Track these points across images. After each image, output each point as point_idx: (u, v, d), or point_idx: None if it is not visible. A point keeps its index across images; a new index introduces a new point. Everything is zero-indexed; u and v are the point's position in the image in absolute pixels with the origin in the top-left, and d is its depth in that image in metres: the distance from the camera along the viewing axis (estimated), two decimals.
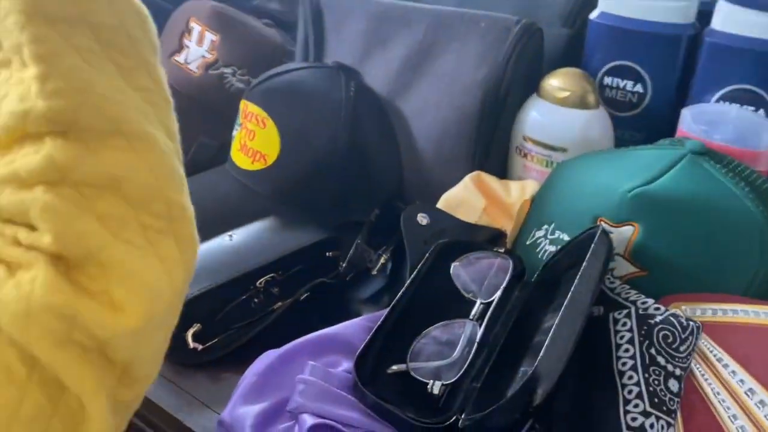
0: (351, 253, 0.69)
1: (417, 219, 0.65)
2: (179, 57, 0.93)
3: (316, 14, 0.85)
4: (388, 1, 0.82)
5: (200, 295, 0.60)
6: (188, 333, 0.59)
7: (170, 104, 0.38)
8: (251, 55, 0.92)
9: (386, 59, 0.80)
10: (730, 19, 0.68)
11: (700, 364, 0.49)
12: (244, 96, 0.81)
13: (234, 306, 0.62)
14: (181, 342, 0.59)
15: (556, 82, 0.72)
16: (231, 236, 0.69)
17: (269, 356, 0.54)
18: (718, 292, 0.54)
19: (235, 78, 0.91)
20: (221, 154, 0.85)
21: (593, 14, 0.75)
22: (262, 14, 0.98)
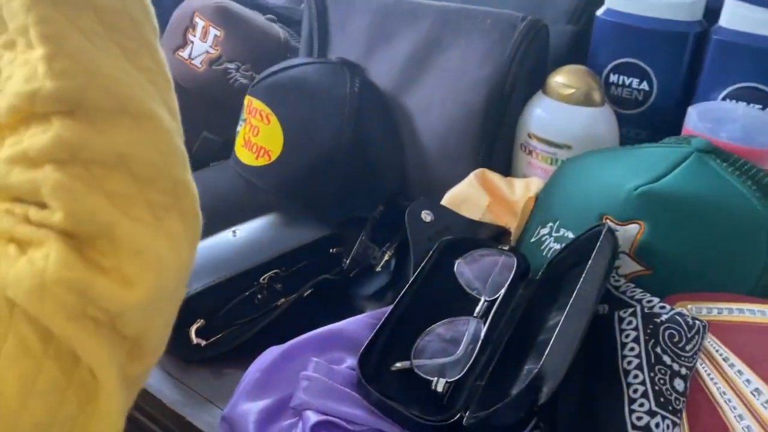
0: (355, 250, 0.69)
1: (421, 216, 0.65)
2: (183, 52, 0.92)
3: (320, 10, 0.85)
4: None
5: (204, 290, 0.60)
6: (192, 329, 0.59)
7: (171, 84, 0.39)
8: (255, 51, 0.92)
9: (391, 55, 0.80)
10: (737, 17, 0.68)
11: (705, 363, 0.49)
12: (248, 92, 0.80)
13: (237, 302, 0.62)
14: (184, 338, 0.59)
15: (561, 79, 0.72)
16: (235, 232, 0.69)
17: (273, 352, 0.54)
18: (724, 291, 0.54)
19: (239, 73, 0.91)
20: (225, 149, 0.85)
21: (599, 11, 0.75)
22: (266, 10, 0.98)
